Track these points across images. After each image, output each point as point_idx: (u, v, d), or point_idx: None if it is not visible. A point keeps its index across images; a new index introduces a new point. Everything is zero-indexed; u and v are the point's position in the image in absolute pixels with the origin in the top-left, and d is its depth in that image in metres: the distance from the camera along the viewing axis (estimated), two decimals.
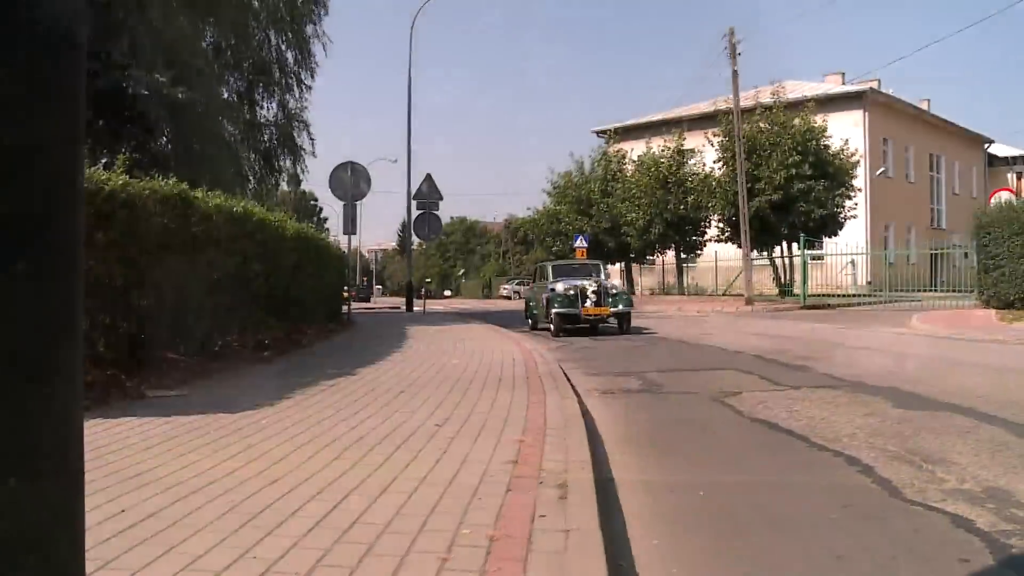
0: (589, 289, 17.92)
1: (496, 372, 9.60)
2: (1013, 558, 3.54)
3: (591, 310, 17.71)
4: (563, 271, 20.14)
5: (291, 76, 21.68)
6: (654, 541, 3.89)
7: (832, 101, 40.90)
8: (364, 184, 21.04)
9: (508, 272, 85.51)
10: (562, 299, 17.71)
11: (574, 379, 9.71)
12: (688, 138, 38.50)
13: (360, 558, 3.20)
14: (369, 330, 18.45)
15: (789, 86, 37.30)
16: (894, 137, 45.95)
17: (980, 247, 22.72)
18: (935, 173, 51.52)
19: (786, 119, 32.98)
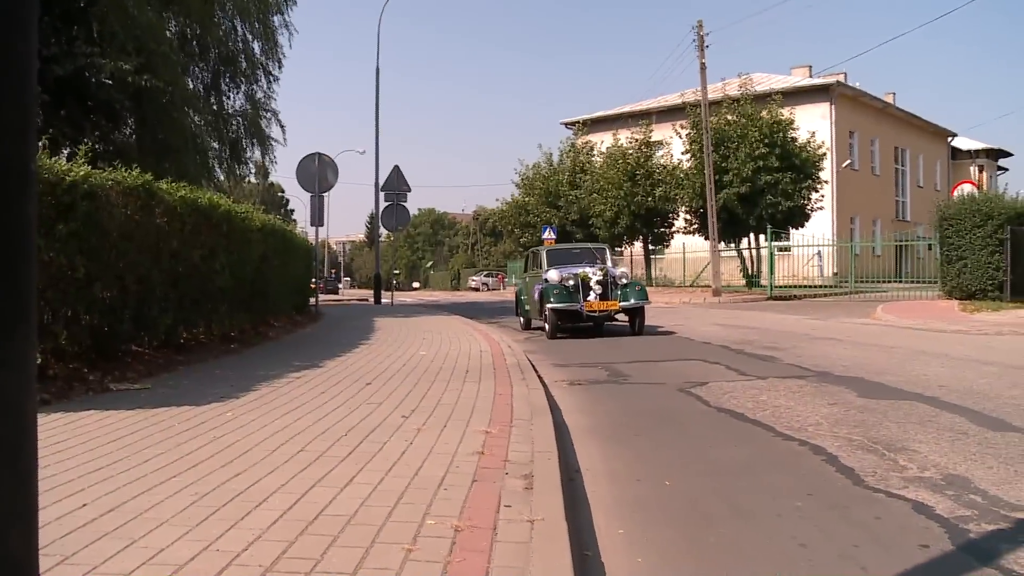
0: (592, 279, 14.79)
1: (463, 363, 9.59)
2: (971, 543, 3.59)
3: (596, 305, 14.63)
4: (560, 257, 16.84)
5: (258, 66, 21.46)
6: (620, 531, 3.91)
7: (799, 94, 41.19)
8: (331, 175, 20.92)
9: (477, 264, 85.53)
10: (559, 292, 14.67)
11: (541, 370, 9.73)
12: (656, 130, 38.62)
13: (325, 549, 3.19)
14: (337, 322, 18.36)
15: (757, 79, 37.53)
16: (860, 130, 46.36)
17: (943, 239, 23.01)
18: (900, 166, 52.04)
19: (753, 111, 33.14)
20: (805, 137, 33.69)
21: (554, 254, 17.21)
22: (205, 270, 10.46)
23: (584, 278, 14.80)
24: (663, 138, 37.66)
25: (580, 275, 14.84)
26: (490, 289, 66.67)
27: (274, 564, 3.04)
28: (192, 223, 9.87)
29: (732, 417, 6.77)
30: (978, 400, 7.21)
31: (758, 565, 3.43)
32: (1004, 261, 21.16)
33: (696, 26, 31.36)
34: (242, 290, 12.33)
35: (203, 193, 10.74)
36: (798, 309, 23.19)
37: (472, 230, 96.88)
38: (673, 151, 36.71)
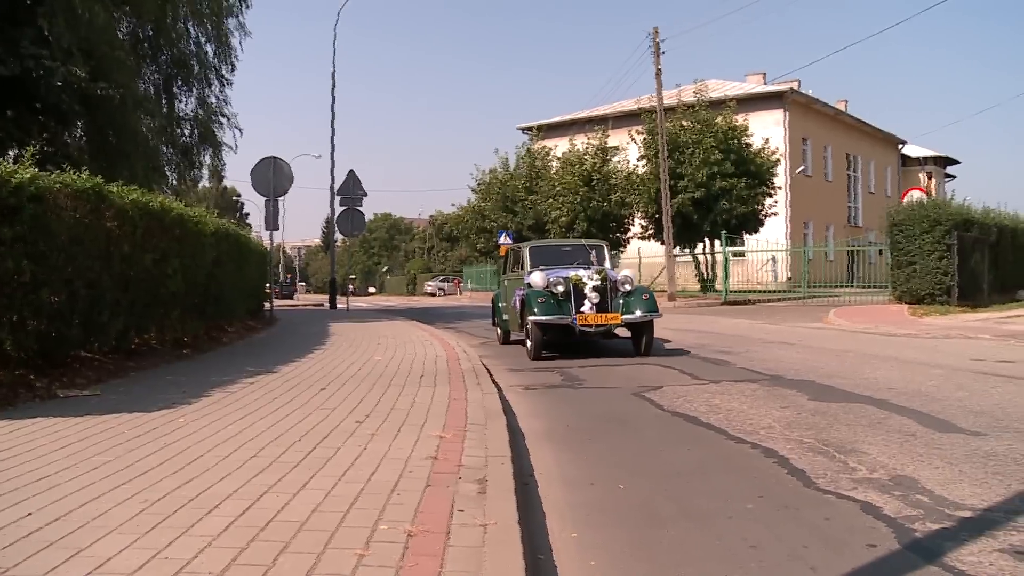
0: (587, 284, 11.93)
1: (418, 368, 9.57)
2: (917, 542, 3.66)
3: (591, 318, 11.68)
4: (546, 255, 13.85)
5: (211, 70, 21.26)
6: (573, 534, 3.93)
7: (753, 100, 41.65)
8: (286, 180, 20.74)
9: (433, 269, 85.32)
10: (545, 300, 11.76)
11: (497, 375, 9.74)
12: (612, 136, 38.79)
13: (276, 556, 3.16)
14: (291, 327, 18.22)
15: (712, 85, 37.87)
16: (813, 137, 46.95)
17: (893, 244, 23.38)
18: (852, 172, 52.78)
19: (708, 118, 33.44)
20: (759, 143, 34.05)
21: (539, 252, 13.99)
22: (157, 274, 10.33)
23: (577, 283, 11.92)
24: (619, 143, 37.84)
25: (572, 279, 11.97)
26: (446, 294, 66.51)
27: (224, 571, 3.01)
28: (144, 227, 9.74)
29: (685, 421, 6.82)
30: (926, 402, 7.34)
31: (709, 566, 3.46)
32: (951, 266, 21.56)
33: (652, 32, 31.57)
34: (195, 295, 12.20)
35: (155, 197, 10.62)
36: (752, 314, 23.43)
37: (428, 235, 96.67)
38: (629, 156, 36.91)
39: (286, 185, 20.81)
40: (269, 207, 21.07)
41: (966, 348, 12.55)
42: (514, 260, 14.75)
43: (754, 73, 49.87)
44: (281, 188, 20.69)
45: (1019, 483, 4.57)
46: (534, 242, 15.73)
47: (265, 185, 20.25)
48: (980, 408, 7.02)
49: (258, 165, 20.33)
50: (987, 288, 22.91)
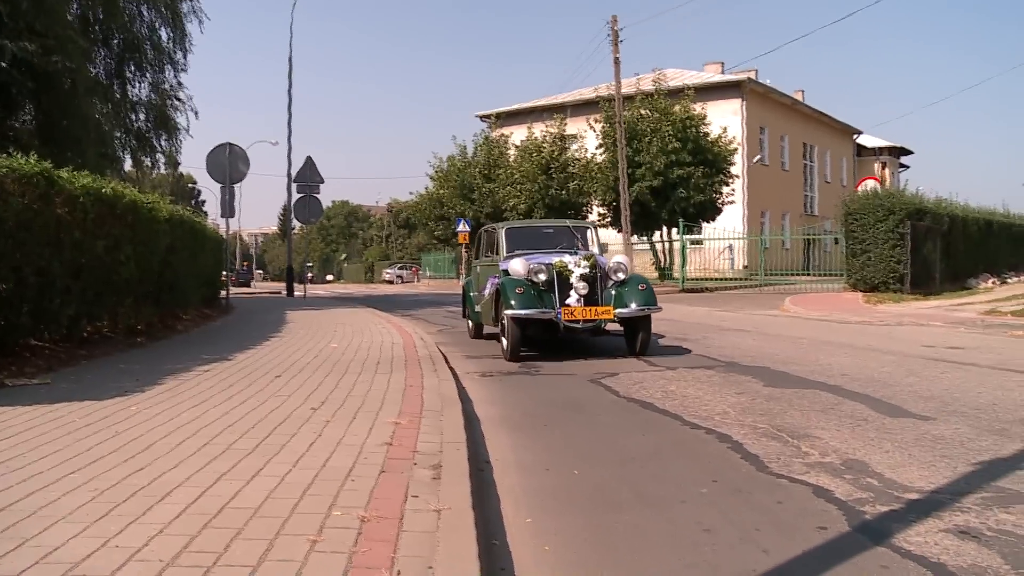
0: (574, 272, 10.28)
1: (375, 355, 9.53)
2: (866, 524, 3.71)
3: (579, 312, 10.09)
4: (525, 238, 12.04)
5: (165, 54, 20.92)
6: (528, 519, 3.94)
7: (711, 90, 41.87)
8: (242, 166, 20.53)
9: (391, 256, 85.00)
10: (524, 291, 10.11)
11: (454, 362, 9.73)
12: (570, 124, 38.85)
13: (228, 542, 3.14)
14: (248, 315, 18.05)
15: (670, 74, 38.02)
16: (770, 126, 47.35)
17: (848, 233, 23.64)
18: (808, 161, 53.32)
19: (666, 106, 33.57)
20: (717, 132, 34.27)
21: (517, 234, 12.15)
22: (109, 261, 10.16)
23: (561, 271, 10.31)
24: (577, 132, 37.91)
25: (556, 266, 10.36)
26: (404, 282, 66.30)
27: (175, 558, 2.98)
28: (95, 213, 9.57)
29: (641, 407, 6.87)
30: (878, 388, 7.45)
31: (662, 550, 3.49)
32: (905, 254, 21.85)
33: (610, 21, 31.66)
34: (149, 282, 12.03)
35: (107, 183, 10.43)
36: (709, 301, 23.62)
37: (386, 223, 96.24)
38: (587, 145, 36.99)
39: (242, 171, 20.60)
40: (225, 194, 20.85)
41: (918, 335, 12.74)
42: (488, 244, 12.84)
43: (712, 62, 50.15)
44: (237, 174, 20.48)
45: (965, 465, 4.66)
46: (511, 223, 13.46)
47: (220, 171, 20.03)
48: (930, 393, 7.14)
49: (214, 151, 20.11)
50: (939, 276, 23.25)
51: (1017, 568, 3.15)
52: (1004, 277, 26.53)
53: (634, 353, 10.30)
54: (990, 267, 26.68)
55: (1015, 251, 29.61)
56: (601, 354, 10.55)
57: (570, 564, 3.36)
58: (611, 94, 32.79)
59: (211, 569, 2.89)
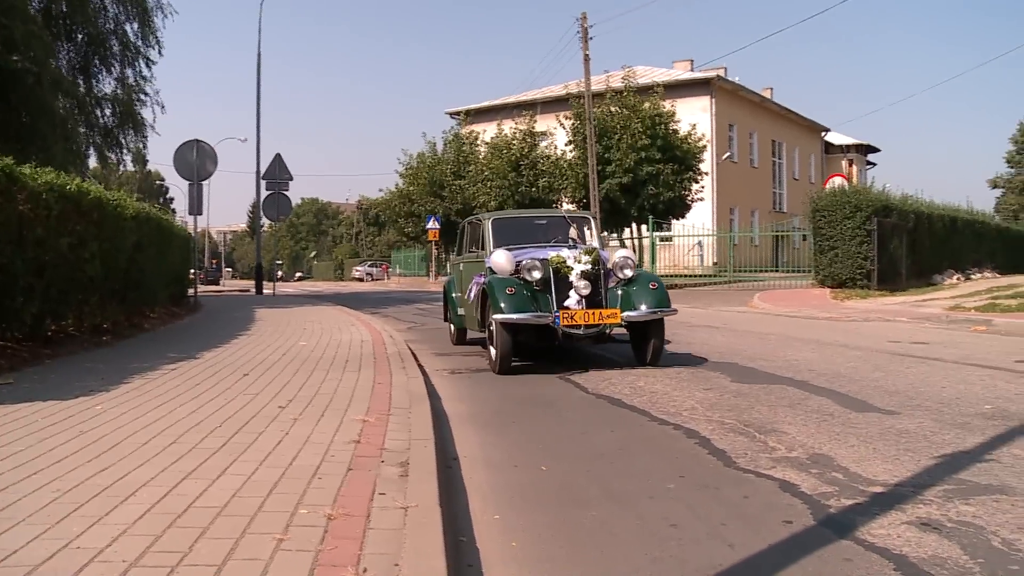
0: (574, 269, 8.93)
1: (344, 353, 9.50)
2: (830, 517, 3.75)
3: (580, 315, 8.74)
4: (515, 230, 10.58)
5: (132, 49, 20.70)
6: (496, 516, 3.94)
7: (681, 87, 42.03)
8: (210, 163, 20.35)
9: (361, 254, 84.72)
10: (515, 292, 8.78)
11: (423, 359, 9.72)
12: (540, 121, 38.89)
13: (193, 542, 3.11)
14: (216, 313, 17.93)
15: (639, 71, 38.11)
16: (739, 123, 47.63)
17: (816, 230, 23.83)
18: (777, 159, 53.71)
19: (636, 103, 33.63)
20: (686, 129, 34.38)
21: (505, 226, 10.66)
22: (74, 259, 10.05)
23: (559, 267, 8.95)
24: (547, 128, 37.96)
25: (552, 261, 8.97)
26: (374, 279, 66.15)
27: (139, 559, 2.95)
28: (59, 210, 9.46)
29: (609, 403, 6.89)
30: (844, 383, 7.52)
31: (629, 546, 3.50)
32: (871, 251, 22.07)
33: (580, 18, 31.70)
34: (115, 280, 11.91)
35: (71, 179, 10.31)
36: (678, 298, 23.52)
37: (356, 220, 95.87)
38: (557, 142, 37.03)
39: (210, 168, 20.43)
40: (193, 191, 20.66)
41: (884, 331, 12.88)
42: (471, 237, 11.28)
43: (681, 60, 50.39)
44: (205, 171, 20.30)
45: (928, 459, 4.72)
46: (498, 213, 11.96)
47: (188, 169, 19.85)
48: (895, 388, 7.22)
49: (181, 148, 19.91)
50: (905, 273, 23.49)
51: (975, 558, 3.19)
52: (968, 273, 26.85)
53: (644, 363, 9.04)
54: (954, 263, 26.99)
55: (978, 248, 29.97)
56: (605, 364, 9.26)
57: (537, 560, 3.37)
58: (581, 91, 32.83)
59: (176, 569, 2.86)
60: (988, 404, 6.40)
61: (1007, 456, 4.76)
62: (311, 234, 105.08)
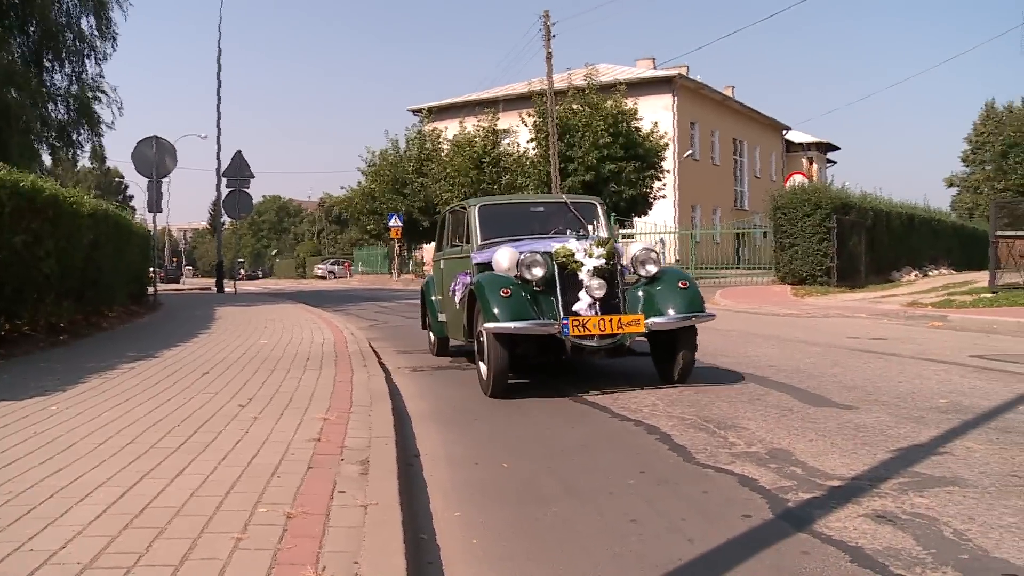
0: (584, 264, 7.25)
1: (304, 351, 9.44)
2: (789, 511, 3.79)
3: (594, 323, 7.06)
4: (507, 220, 9.00)
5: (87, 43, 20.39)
6: (456, 513, 3.94)
7: (643, 85, 42.23)
8: (170, 160, 20.14)
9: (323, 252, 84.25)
10: (511, 294, 7.10)
11: (384, 357, 9.69)
12: (503, 118, 38.91)
13: (150, 543, 3.08)
14: (176, 312, 17.75)
15: (602, 69, 38.25)
16: (701, 121, 47.95)
17: (777, 227, 24.06)
18: (738, 157, 54.15)
19: (598, 101, 33.75)
20: (648, 127, 34.56)
21: (496, 215, 9.02)
22: (29, 257, 9.90)
23: (566, 262, 7.23)
24: (510, 126, 37.98)
25: (558, 255, 7.27)
26: (337, 277, 65.80)
27: (94, 560, 2.91)
28: (12, 207, 9.32)
29: (571, 400, 6.90)
30: (803, 379, 7.60)
31: (589, 541, 3.51)
32: (831, 248, 22.33)
33: (543, 16, 31.73)
34: (71, 278, 11.75)
35: (25, 176, 10.15)
36: None
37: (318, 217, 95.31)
38: (519, 139, 37.06)
39: (170, 165, 20.22)
40: (152, 188, 20.43)
41: (843, 327, 13.02)
42: (454, 229, 9.59)
43: (644, 58, 50.61)
44: (164, 168, 20.08)
45: (884, 452, 4.78)
46: (486, 199, 9.75)
47: (147, 165, 19.63)
48: (853, 383, 7.31)
49: (140, 145, 19.67)
50: (864, 270, 23.78)
51: (928, 549, 3.24)
52: (925, 270, 27.23)
53: (670, 381, 7.43)
54: (912, 260, 27.36)
55: (935, 245, 30.41)
56: (624, 381, 7.55)
57: (498, 556, 3.37)
58: (543, 89, 32.89)
59: (131, 570, 2.83)
60: (943, 398, 6.49)
61: (960, 449, 4.83)
62: (273, 232, 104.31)
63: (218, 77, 30.56)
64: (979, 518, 3.60)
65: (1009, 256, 19.71)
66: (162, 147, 19.88)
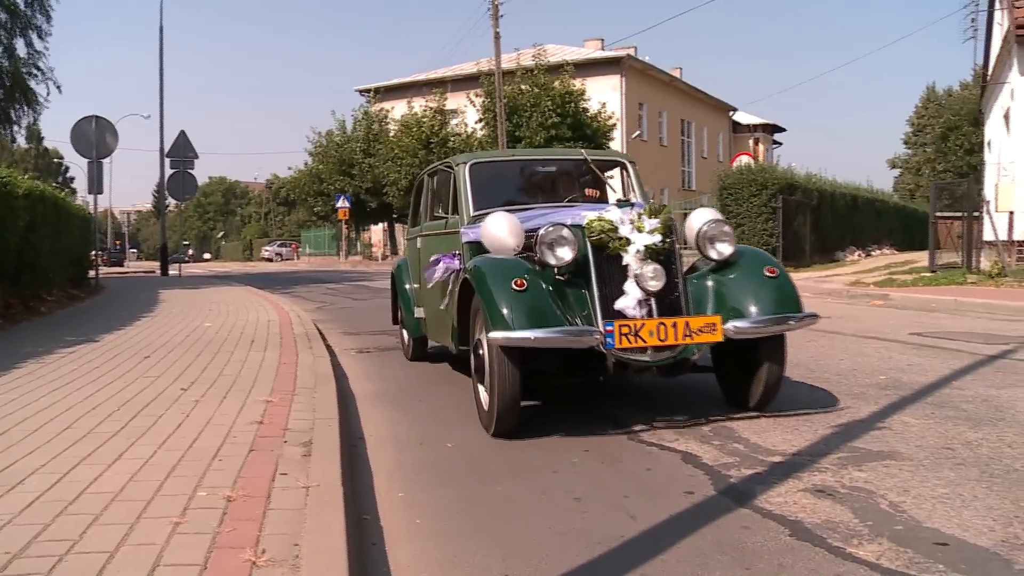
0: (632, 244, 4.99)
1: (249, 334, 9.33)
2: (731, 487, 3.83)
3: (650, 332, 4.71)
4: (506, 183, 7.13)
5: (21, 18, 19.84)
6: (400, 494, 3.93)
7: (591, 66, 42.21)
8: (111, 139, 19.69)
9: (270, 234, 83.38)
10: (528, 287, 4.79)
11: (331, 339, 9.62)
12: (451, 98, 38.77)
13: (84, 529, 3.02)
14: (119, 295, 17.43)
15: (550, 50, 38.23)
16: (649, 102, 48.08)
17: (723, 207, 24.19)
18: (686, 138, 54.41)
19: (546, 82, 33.76)
20: (596, 108, 34.65)
21: (492, 175, 6.95)
22: None
23: (606, 238, 5.06)
24: (458, 107, 37.88)
25: (593, 227, 5.10)
26: (284, 259, 65.19)
27: (24, 549, 2.83)
28: None
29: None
30: None
31: (533, 519, 3.51)
32: (777, 228, 22.56)
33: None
34: (6, 262, 11.46)
35: None
36: None
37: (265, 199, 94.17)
38: (467, 120, 36.95)
39: (111, 145, 19.78)
40: (93, 169, 20.00)
41: None
42: (436, 195, 7.50)
43: (592, 39, 50.51)
44: (105, 148, 19.65)
45: (825, 428, 4.85)
46: (481, 155, 7.37)
47: (87, 145, 19.19)
48: (796, 361, 7.34)
49: (79, 124, 19.20)
50: (809, 249, 24.07)
51: (865, 521, 3.31)
52: (868, 250, 27.64)
53: (750, 405, 5.30)
54: (856, 240, 27.75)
55: (878, 225, 30.85)
56: (676, 407, 5.34)
57: (441, 536, 3.36)
58: (491, 69, 32.80)
59: (64, 557, 2.77)
60: (883, 375, 6.61)
61: (898, 424, 4.93)
62: (219, 214, 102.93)
63: (160, 56, 29.94)
64: (914, 490, 3.67)
65: (948, 236, 20.13)
66: (102, 126, 19.45)
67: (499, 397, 4.76)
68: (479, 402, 5.25)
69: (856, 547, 3.05)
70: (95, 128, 19.23)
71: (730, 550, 3.08)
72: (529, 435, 4.89)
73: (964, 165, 41.77)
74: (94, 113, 19.20)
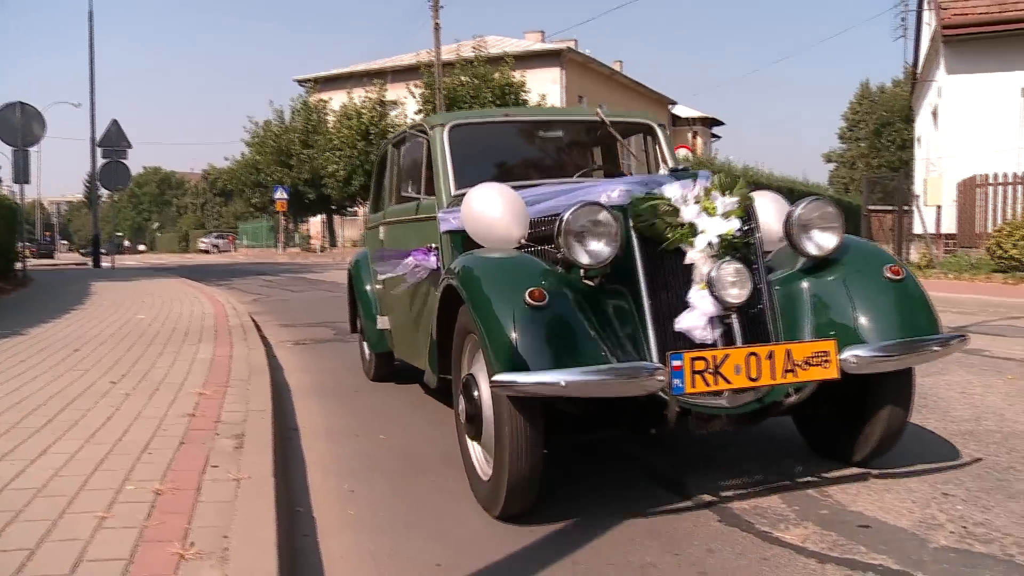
0: (702, 234, 3.37)
1: (183, 326, 9.17)
2: (663, 476, 3.87)
3: (735, 368, 3.04)
4: (499, 152, 5.49)
5: None
6: (334, 485, 3.91)
7: (532, 58, 42.21)
8: (38, 127, 19.23)
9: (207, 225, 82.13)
10: (548, 301, 3.10)
11: (267, 331, 9.53)
12: (391, 90, 38.54)
13: (4, 526, 2.94)
14: (48, 288, 17.03)
15: (491, 42, 38.15)
16: (589, 95, 48.20)
17: None
18: None
19: (486, 73, 33.71)
20: (536, 100, 34.68)
21: (478, 140, 5.27)
22: None
23: (661, 224, 3.40)
24: (397, 98, 37.66)
25: (639, 208, 3.41)
26: (221, 251, 64.24)
27: None
28: None
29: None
30: None
31: (464, 506, 3.53)
32: None
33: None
34: None
35: None
36: None
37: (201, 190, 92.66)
38: (407, 111, 36.76)
39: (38, 133, 19.33)
40: (19, 158, 19.51)
41: None
42: (406, 170, 5.57)
43: (532, 31, 50.54)
44: (31, 136, 19.19)
45: None
46: (461, 115, 5.29)
47: (12, 133, 18.71)
48: None
49: (3, 111, 18.71)
50: None
51: (792, 506, 3.39)
52: None
53: (850, 460, 3.83)
54: None
55: None
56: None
57: (375, 527, 3.35)
58: (431, 60, 32.67)
59: None
60: None
61: None
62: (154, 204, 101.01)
63: (90, 42, 29.22)
64: (839, 475, 3.75)
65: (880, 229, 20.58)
66: (28, 113, 18.97)
67: (510, 466, 3.15)
68: (470, 465, 3.66)
69: (783, 531, 3.11)
70: (20, 115, 18.76)
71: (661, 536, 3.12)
72: (548, 516, 3.38)
73: (896, 160, 42.73)
74: (19, 100, 18.72)
